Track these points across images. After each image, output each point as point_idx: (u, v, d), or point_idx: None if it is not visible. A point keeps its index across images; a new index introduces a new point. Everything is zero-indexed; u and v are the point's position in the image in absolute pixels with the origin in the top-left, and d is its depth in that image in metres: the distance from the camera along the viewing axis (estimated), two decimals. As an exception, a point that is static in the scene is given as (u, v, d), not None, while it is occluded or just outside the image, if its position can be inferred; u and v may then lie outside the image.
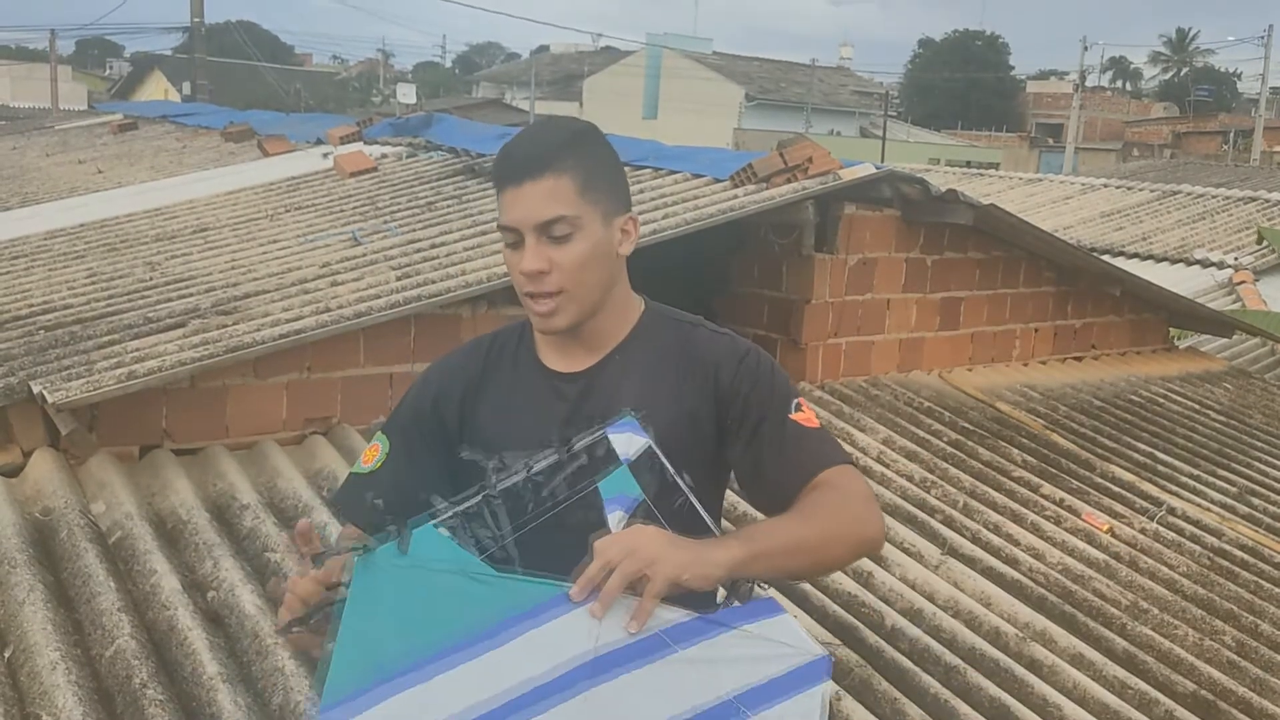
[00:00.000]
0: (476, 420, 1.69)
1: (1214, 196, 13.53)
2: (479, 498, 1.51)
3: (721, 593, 1.48)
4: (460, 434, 1.70)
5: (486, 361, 1.73)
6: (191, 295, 3.97)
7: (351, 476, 1.76)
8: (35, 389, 3.13)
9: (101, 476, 3.18)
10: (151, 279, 4.28)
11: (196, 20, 24.23)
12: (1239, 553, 4.24)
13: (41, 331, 3.63)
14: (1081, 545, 4.02)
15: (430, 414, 1.72)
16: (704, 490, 1.63)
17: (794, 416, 1.66)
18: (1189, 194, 13.74)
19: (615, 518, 1.48)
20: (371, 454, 1.73)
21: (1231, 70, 61.66)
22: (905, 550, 3.69)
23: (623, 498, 1.49)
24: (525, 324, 1.73)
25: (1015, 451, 4.74)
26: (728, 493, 1.84)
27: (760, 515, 1.76)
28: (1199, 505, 4.64)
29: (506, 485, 1.55)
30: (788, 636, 1.43)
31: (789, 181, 4.69)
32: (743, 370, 1.66)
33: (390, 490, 1.68)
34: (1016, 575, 3.69)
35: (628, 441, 1.53)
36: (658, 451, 1.53)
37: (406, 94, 36.94)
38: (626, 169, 6.03)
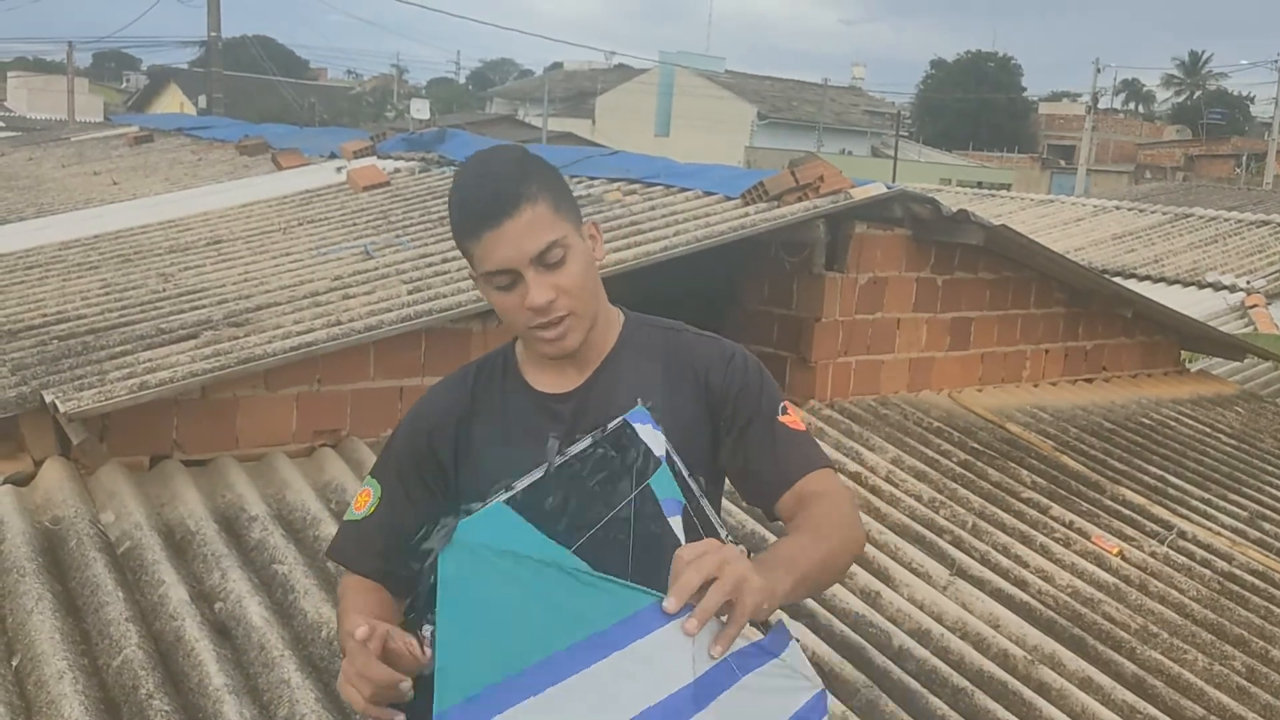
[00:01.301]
0: (471, 452, 1.66)
1: (1226, 220, 13.53)
2: (545, 472, 1.46)
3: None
4: (456, 468, 1.67)
5: (474, 391, 1.70)
6: (204, 307, 3.99)
7: (347, 525, 1.72)
8: (47, 398, 3.14)
9: (111, 486, 3.19)
10: (164, 290, 4.30)
11: (213, 34, 24.40)
12: (1249, 577, 4.22)
13: (55, 341, 3.65)
14: (1091, 568, 4.00)
15: (426, 451, 1.68)
16: (711, 500, 1.64)
17: (782, 419, 1.67)
18: (1201, 217, 13.74)
19: (674, 522, 1.43)
20: (363, 500, 1.70)
21: (1245, 94, 61.63)
22: (913, 570, 3.67)
23: (672, 501, 1.46)
24: (508, 348, 1.71)
25: (1025, 473, 4.72)
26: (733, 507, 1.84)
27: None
28: (1209, 529, 4.62)
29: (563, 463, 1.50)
30: (803, 667, 1.42)
31: (800, 200, 4.69)
32: (731, 371, 1.66)
33: (388, 535, 1.66)
34: (1025, 597, 3.67)
35: (653, 436, 1.49)
36: (673, 454, 1.52)
37: (420, 109, 37.03)
38: (638, 185, 6.03)
